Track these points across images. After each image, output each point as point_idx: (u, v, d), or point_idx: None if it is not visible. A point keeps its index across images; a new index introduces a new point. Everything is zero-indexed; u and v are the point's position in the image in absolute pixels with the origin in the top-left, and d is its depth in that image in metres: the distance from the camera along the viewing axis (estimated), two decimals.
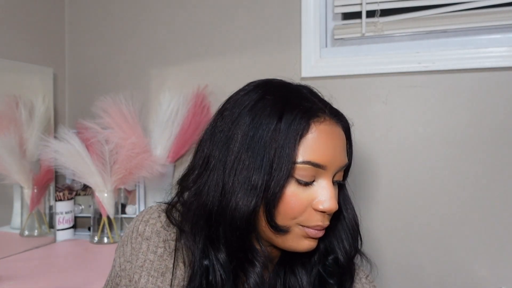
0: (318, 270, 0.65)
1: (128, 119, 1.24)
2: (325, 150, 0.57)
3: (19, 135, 1.22)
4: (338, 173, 0.60)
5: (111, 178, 1.24)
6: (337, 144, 0.59)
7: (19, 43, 1.38)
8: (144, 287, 0.61)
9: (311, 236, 0.58)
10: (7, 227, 1.34)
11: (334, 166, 0.58)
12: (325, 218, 0.59)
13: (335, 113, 0.61)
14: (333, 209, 0.57)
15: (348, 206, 0.67)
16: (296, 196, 0.56)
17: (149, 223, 0.64)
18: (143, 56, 1.47)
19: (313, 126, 0.57)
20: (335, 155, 0.58)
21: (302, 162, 0.56)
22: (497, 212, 1.13)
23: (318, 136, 0.57)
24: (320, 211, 0.57)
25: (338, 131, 0.60)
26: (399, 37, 1.23)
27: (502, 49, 1.11)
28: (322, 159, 0.56)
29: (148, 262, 0.62)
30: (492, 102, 1.13)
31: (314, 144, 0.56)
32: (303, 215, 0.57)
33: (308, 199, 0.57)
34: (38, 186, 1.27)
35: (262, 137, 0.55)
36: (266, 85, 0.62)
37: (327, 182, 0.58)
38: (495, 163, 1.13)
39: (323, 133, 0.57)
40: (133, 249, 0.64)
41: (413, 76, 1.19)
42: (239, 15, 1.35)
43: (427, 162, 1.18)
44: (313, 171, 0.57)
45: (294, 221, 0.57)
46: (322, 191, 0.57)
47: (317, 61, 1.26)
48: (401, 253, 1.20)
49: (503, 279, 1.12)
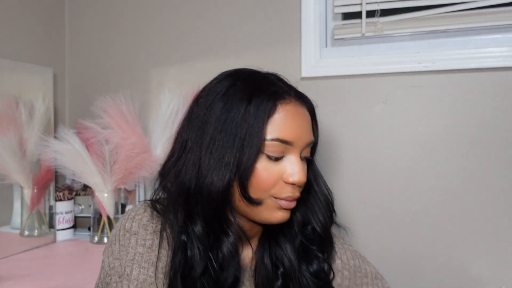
0: (300, 240, 0.71)
1: (128, 119, 1.23)
2: (291, 128, 0.63)
3: (19, 135, 1.22)
4: (305, 150, 0.66)
5: (111, 178, 1.24)
6: (302, 122, 0.65)
7: (19, 43, 1.38)
8: (136, 278, 0.63)
9: (284, 207, 0.64)
10: (7, 227, 1.34)
11: (301, 143, 0.64)
12: (295, 190, 0.65)
13: (300, 95, 0.67)
14: (302, 181, 0.63)
15: (319, 181, 0.73)
16: (268, 170, 0.62)
17: (135, 219, 0.68)
18: (143, 56, 1.47)
19: (280, 107, 0.63)
20: (301, 132, 0.64)
21: (271, 139, 0.62)
22: (497, 212, 1.13)
23: (284, 116, 0.63)
24: (290, 183, 0.63)
25: (303, 111, 0.66)
26: (399, 37, 1.23)
27: (502, 49, 1.11)
28: (289, 136, 0.62)
29: (138, 255, 0.65)
30: (492, 102, 1.13)
31: (281, 122, 0.62)
32: (274, 188, 0.63)
33: (279, 173, 0.63)
34: (38, 186, 1.27)
35: (234, 119, 0.61)
36: (236, 74, 0.68)
37: (296, 157, 0.64)
38: (495, 163, 1.13)
39: (289, 112, 0.63)
40: (122, 245, 0.66)
41: (413, 76, 1.19)
42: (239, 15, 1.35)
43: (427, 162, 1.18)
44: (282, 147, 0.63)
45: (267, 194, 0.63)
46: (291, 165, 0.63)
47: (317, 61, 1.26)
48: (401, 254, 1.20)
49: (503, 279, 1.12)
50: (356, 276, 0.76)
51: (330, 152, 1.26)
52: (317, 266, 0.71)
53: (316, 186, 0.73)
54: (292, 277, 0.69)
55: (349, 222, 1.25)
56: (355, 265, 0.76)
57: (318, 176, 0.74)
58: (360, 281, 0.75)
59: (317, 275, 0.70)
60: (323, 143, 1.27)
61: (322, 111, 1.26)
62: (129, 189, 1.39)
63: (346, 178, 1.25)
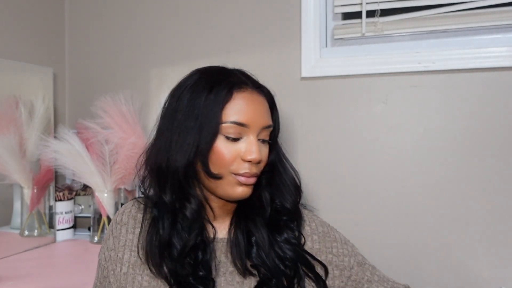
0: (270, 213, 0.78)
1: (128, 119, 1.23)
2: (246, 112, 0.72)
3: (19, 135, 1.22)
4: (262, 133, 0.74)
5: (111, 178, 1.24)
6: (257, 108, 0.73)
7: (19, 43, 1.38)
8: (128, 261, 0.75)
9: (243, 182, 0.72)
10: (7, 227, 1.34)
11: (256, 125, 0.72)
12: (253, 167, 0.72)
13: (257, 86, 0.76)
14: (256, 158, 0.71)
15: (284, 164, 0.81)
16: (226, 149, 0.71)
17: (125, 212, 0.81)
18: (143, 56, 1.47)
19: (236, 94, 0.72)
20: (256, 116, 0.72)
21: (228, 122, 0.71)
22: (498, 212, 1.13)
23: (239, 102, 0.72)
24: (247, 161, 0.71)
25: (259, 98, 0.75)
26: (399, 37, 1.23)
27: (502, 49, 1.11)
28: (243, 119, 0.71)
29: (129, 241, 0.77)
30: (492, 102, 1.13)
31: (236, 107, 0.72)
32: (233, 165, 0.72)
33: (237, 151, 0.72)
34: (38, 186, 1.27)
35: (197, 106, 0.72)
36: (205, 69, 0.79)
37: (252, 138, 0.72)
38: (495, 163, 1.13)
39: (244, 99, 0.72)
40: (115, 237, 0.79)
41: (413, 76, 1.19)
42: (239, 15, 1.35)
43: (427, 162, 1.18)
44: (238, 128, 0.71)
45: (227, 170, 0.72)
46: (248, 145, 0.72)
47: (317, 61, 1.26)
48: (401, 254, 1.20)
49: (503, 279, 1.12)
50: (325, 240, 0.82)
51: (330, 152, 1.26)
52: (287, 234, 0.78)
53: (281, 167, 0.80)
54: (263, 245, 0.75)
55: (350, 221, 1.25)
56: (324, 231, 0.83)
57: (283, 159, 0.81)
58: (330, 245, 0.82)
59: (288, 241, 0.77)
60: (323, 143, 1.27)
61: (322, 111, 1.27)
62: (129, 189, 1.39)
63: (346, 178, 1.25)
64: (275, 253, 0.75)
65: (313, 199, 1.25)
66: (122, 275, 0.75)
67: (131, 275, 0.74)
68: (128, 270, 0.75)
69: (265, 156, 0.75)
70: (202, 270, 0.72)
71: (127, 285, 0.74)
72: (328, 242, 0.81)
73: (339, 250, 0.81)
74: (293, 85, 1.29)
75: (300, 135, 1.29)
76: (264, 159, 0.75)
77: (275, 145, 0.79)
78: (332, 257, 0.80)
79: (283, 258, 0.75)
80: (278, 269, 0.74)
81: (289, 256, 0.75)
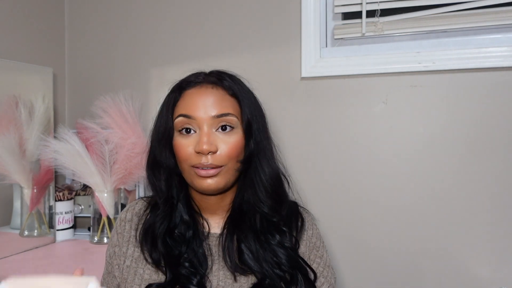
0: (260, 214, 0.78)
1: (128, 119, 1.23)
2: (191, 105, 0.75)
3: (19, 135, 1.22)
4: (217, 122, 0.75)
5: (111, 178, 1.24)
6: (204, 99, 0.75)
7: (19, 43, 1.38)
8: (131, 255, 0.78)
9: (200, 174, 0.74)
10: (7, 227, 1.34)
11: (204, 116, 0.74)
12: (207, 158, 0.73)
13: (212, 81, 0.78)
14: (205, 150, 0.72)
15: (263, 160, 0.79)
16: (181, 143, 0.75)
17: (129, 210, 0.85)
18: (143, 56, 1.47)
19: (184, 93, 0.78)
20: (202, 107, 0.74)
21: (176, 117, 0.76)
22: (498, 212, 1.13)
23: (187, 98, 0.77)
24: (198, 152, 0.73)
25: (209, 91, 0.76)
26: (399, 37, 1.23)
27: (502, 49, 1.11)
28: (189, 111, 0.75)
29: (132, 237, 0.80)
30: (492, 102, 1.13)
31: (183, 103, 0.76)
32: (191, 158, 0.74)
33: (191, 145, 0.74)
34: (38, 186, 1.27)
35: (161, 111, 0.80)
36: (179, 80, 0.82)
37: (202, 130, 0.74)
38: (496, 163, 1.13)
39: (190, 95, 0.77)
40: (119, 233, 0.82)
41: (413, 76, 1.19)
42: (239, 15, 1.35)
43: (427, 162, 1.18)
44: (186, 120, 0.75)
45: (187, 164, 0.75)
46: (199, 137, 0.74)
47: (317, 61, 1.26)
48: (401, 254, 1.20)
49: (503, 279, 1.12)
50: (312, 252, 0.82)
51: (330, 152, 1.26)
52: (280, 237, 0.77)
53: (258, 162, 0.79)
54: (254, 252, 0.75)
55: (349, 221, 1.25)
56: (316, 245, 0.83)
57: (264, 155, 0.79)
58: (314, 258, 0.81)
59: (282, 244, 0.77)
60: (323, 142, 1.27)
61: (322, 111, 1.27)
62: (129, 189, 1.39)
63: (346, 178, 1.25)
64: (269, 258, 0.75)
65: (312, 199, 1.25)
66: (125, 268, 0.77)
67: (133, 268, 0.77)
68: (131, 263, 0.77)
69: (225, 146, 0.74)
70: (194, 260, 0.74)
71: (129, 277, 0.76)
72: (313, 255, 0.82)
73: (319, 267, 0.81)
74: (293, 85, 1.29)
75: (300, 135, 1.29)
76: (224, 150, 0.74)
77: (252, 137, 0.77)
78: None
79: (278, 263, 0.74)
80: (274, 274, 0.73)
81: (284, 260, 0.75)
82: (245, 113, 0.77)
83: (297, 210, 0.84)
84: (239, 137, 0.76)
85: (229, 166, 0.75)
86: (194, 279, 0.71)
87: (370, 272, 1.23)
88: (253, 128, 0.77)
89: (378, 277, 1.23)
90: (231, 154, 0.74)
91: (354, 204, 1.24)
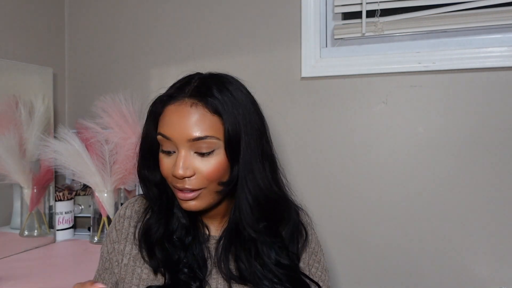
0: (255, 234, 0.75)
1: (128, 119, 1.23)
2: (169, 125, 0.70)
3: (19, 135, 1.22)
4: (195, 145, 0.69)
5: (111, 178, 1.24)
6: (181, 120, 0.69)
7: (19, 43, 1.38)
8: (129, 253, 0.77)
9: (181, 198, 0.71)
10: (7, 227, 1.34)
11: (180, 138, 0.69)
12: (184, 182, 0.70)
13: (194, 96, 0.71)
14: (179, 175, 0.68)
15: (254, 185, 0.73)
16: (163, 161, 0.72)
17: (128, 207, 0.83)
18: (143, 56, 1.47)
19: (165, 109, 0.72)
20: (179, 128, 0.69)
21: (157, 134, 0.72)
22: (498, 212, 1.13)
23: (166, 115, 0.71)
24: (173, 176, 0.70)
25: (186, 110, 0.70)
26: (399, 37, 1.23)
27: (502, 49, 1.11)
28: (166, 131, 0.70)
29: (131, 234, 0.79)
30: (492, 102, 1.13)
31: (163, 120, 0.71)
32: (170, 177, 0.72)
33: (169, 166, 0.71)
34: (38, 186, 1.27)
35: (146, 122, 0.76)
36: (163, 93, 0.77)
37: (179, 152, 0.70)
38: (495, 163, 1.13)
39: (170, 113, 0.71)
40: (118, 230, 0.80)
41: (413, 76, 1.19)
42: (239, 15, 1.35)
43: (427, 162, 1.18)
44: (166, 141, 0.71)
45: (169, 181, 0.73)
46: (176, 159, 0.70)
47: (317, 61, 1.26)
48: (401, 254, 1.20)
49: (504, 279, 1.12)
50: (311, 257, 0.82)
51: (330, 152, 1.26)
52: (276, 255, 0.74)
53: (245, 183, 0.73)
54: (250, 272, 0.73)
55: (349, 221, 1.25)
56: (315, 249, 0.83)
57: (251, 175, 0.73)
58: (312, 263, 0.81)
59: (279, 262, 0.74)
60: (323, 142, 1.27)
61: (322, 111, 1.27)
62: (129, 189, 1.39)
63: (346, 178, 1.25)
64: (268, 275, 0.73)
65: (312, 199, 1.26)
66: (123, 266, 0.77)
67: (131, 267, 0.76)
68: (129, 262, 0.76)
69: (204, 169, 0.69)
70: (193, 264, 0.73)
71: (126, 276, 0.75)
72: (312, 260, 0.82)
73: (317, 272, 0.81)
74: (293, 85, 1.29)
75: (300, 135, 1.29)
76: (202, 173, 0.69)
77: (240, 155, 0.71)
78: (308, 273, 0.80)
79: (278, 283, 0.73)
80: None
81: (284, 279, 0.73)
82: (227, 133, 0.70)
83: (299, 226, 0.80)
84: (220, 159, 0.70)
85: (210, 189, 0.71)
86: (193, 284, 0.71)
87: (369, 271, 1.23)
88: (241, 146, 0.71)
89: (378, 277, 1.23)
90: (210, 177, 0.70)
91: (353, 203, 1.24)
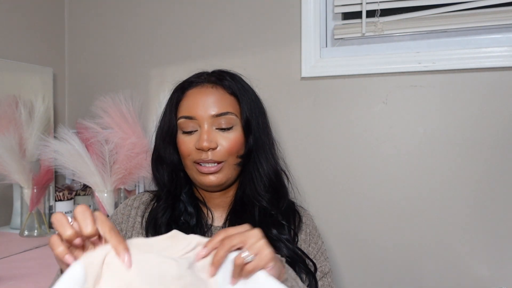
0: (259, 208, 0.82)
1: (128, 119, 1.23)
2: (192, 106, 0.80)
3: (19, 135, 1.22)
4: (217, 121, 0.79)
5: (111, 178, 1.24)
6: (204, 99, 0.79)
7: (19, 43, 1.38)
8: None
9: (201, 171, 0.79)
10: (7, 227, 1.34)
11: (204, 115, 0.79)
12: (207, 154, 0.78)
13: (212, 81, 0.82)
14: (205, 146, 0.77)
15: (262, 157, 0.83)
16: (184, 140, 0.81)
17: (137, 198, 0.88)
18: (143, 56, 1.47)
19: (186, 93, 0.82)
20: (202, 107, 0.79)
21: (179, 118, 0.81)
22: (498, 212, 1.13)
23: (187, 98, 0.81)
24: (198, 149, 0.78)
25: (209, 91, 0.80)
26: (399, 37, 1.23)
27: (503, 49, 1.11)
28: (190, 112, 0.80)
29: (137, 223, 0.84)
30: (492, 102, 1.13)
31: (185, 104, 0.81)
32: (192, 155, 0.79)
33: (193, 142, 0.79)
34: (38, 186, 1.27)
35: (166, 110, 0.85)
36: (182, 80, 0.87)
37: (202, 128, 0.79)
38: (496, 163, 1.13)
39: (192, 95, 0.81)
40: (123, 214, 0.85)
41: (413, 76, 1.19)
42: (239, 15, 1.35)
43: (427, 162, 1.18)
44: (188, 122, 0.80)
45: (190, 160, 0.80)
46: (199, 135, 0.79)
47: (317, 61, 1.26)
48: (401, 254, 1.20)
49: (503, 279, 1.12)
50: (310, 239, 0.86)
51: (330, 151, 1.26)
52: (278, 231, 0.80)
53: (257, 158, 0.82)
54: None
55: (348, 221, 1.25)
56: (312, 232, 0.87)
57: (263, 151, 0.83)
58: (309, 242, 0.85)
59: (279, 238, 0.79)
60: (323, 142, 1.27)
61: (322, 111, 1.27)
62: (129, 189, 1.39)
63: (346, 178, 1.25)
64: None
65: (313, 198, 1.26)
66: None
67: None
68: None
69: (225, 143, 0.79)
70: None
71: None
72: (313, 243, 0.85)
73: (313, 251, 0.84)
74: (293, 85, 1.29)
75: (300, 134, 1.29)
76: (224, 146, 0.78)
77: (252, 134, 0.81)
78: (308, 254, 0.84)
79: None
80: None
81: (284, 253, 0.77)
82: (244, 111, 0.81)
83: (294, 209, 0.87)
84: (238, 134, 0.80)
85: (229, 162, 0.79)
86: None
87: (370, 270, 1.23)
88: (252, 125, 0.81)
89: (378, 276, 1.23)
90: (231, 150, 0.79)
91: (354, 203, 1.24)
